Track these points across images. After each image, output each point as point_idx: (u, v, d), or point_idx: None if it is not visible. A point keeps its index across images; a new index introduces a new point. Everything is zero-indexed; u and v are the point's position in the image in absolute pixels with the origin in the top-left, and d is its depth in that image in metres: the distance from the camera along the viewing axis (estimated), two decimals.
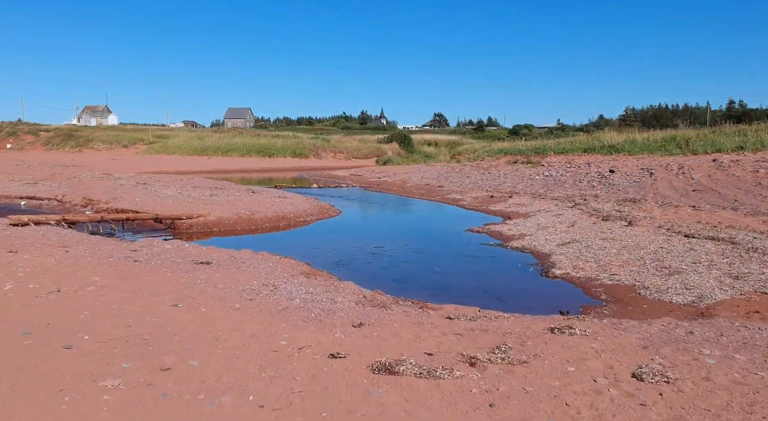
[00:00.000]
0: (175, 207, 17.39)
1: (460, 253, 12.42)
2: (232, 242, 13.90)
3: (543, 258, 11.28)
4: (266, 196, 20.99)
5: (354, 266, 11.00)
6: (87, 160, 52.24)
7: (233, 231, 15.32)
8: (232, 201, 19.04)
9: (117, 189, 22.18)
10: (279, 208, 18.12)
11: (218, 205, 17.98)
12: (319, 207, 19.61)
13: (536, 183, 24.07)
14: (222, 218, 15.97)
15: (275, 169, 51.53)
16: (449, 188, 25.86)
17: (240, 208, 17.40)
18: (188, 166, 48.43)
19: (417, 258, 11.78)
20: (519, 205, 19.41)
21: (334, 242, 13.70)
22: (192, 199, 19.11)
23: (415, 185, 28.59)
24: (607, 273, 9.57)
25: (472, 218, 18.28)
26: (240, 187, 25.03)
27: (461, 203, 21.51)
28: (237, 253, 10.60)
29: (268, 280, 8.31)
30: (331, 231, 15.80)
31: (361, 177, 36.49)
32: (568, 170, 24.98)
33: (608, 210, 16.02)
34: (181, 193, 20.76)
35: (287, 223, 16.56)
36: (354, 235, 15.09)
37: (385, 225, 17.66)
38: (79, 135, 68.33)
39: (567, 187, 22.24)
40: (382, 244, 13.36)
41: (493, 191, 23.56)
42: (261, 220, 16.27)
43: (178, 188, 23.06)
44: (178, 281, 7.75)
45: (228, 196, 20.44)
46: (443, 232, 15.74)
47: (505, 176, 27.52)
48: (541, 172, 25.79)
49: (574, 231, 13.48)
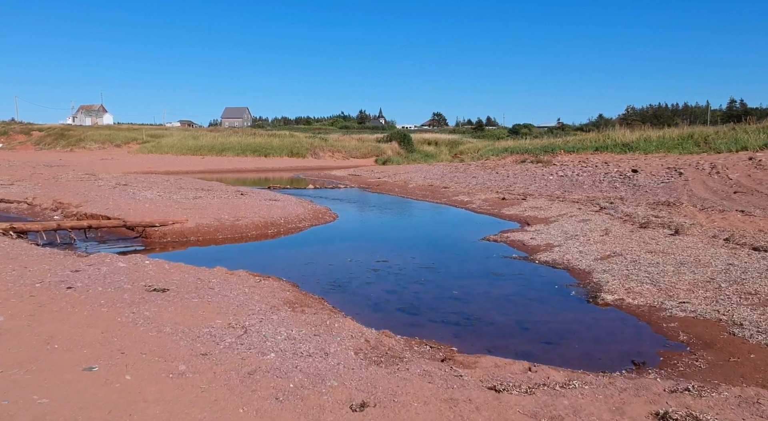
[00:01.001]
0: (151, 212, 15.24)
1: (480, 269, 10.27)
2: (208, 254, 11.75)
3: (583, 277, 9.15)
4: (255, 199, 18.82)
5: (353, 287, 8.85)
6: (76, 160, 49.96)
7: (213, 240, 13.17)
8: (217, 205, 16.88)
9: (93, 191, 19.99)
10: (268, 212, 15.98)
11: (200, 209, 15.82)
12: (313, 211, 17.47)
13: (551, 184, 21.93)
14: (201, 224, 13.82)
15: (271, 169, 49.33)
16: (455, 189, 23.72)
17: (224, 214, 15.25)
18: (180, 166, 46.19)
19: (429, 276, 9.64)
20: (536, 208, 17.28)
21: (329, 255, 11.55)
22: (172, 203, 16.95)
23: (417, 186, 26.44)
24: (674, 300, 7.44)
25: (485, 223, 16.15)
26: (229, 189, 22.85)
27: (470, 206, 19.39)
28: (207, 272, 8.45)
29: (239, 316, 6.16)
30: (326, 240, 13.65)
31: (360, 177, 34.32)
32: (584, 170, 22.85)
33: (643, 215, 13.90)
34: (161, 196, 18.59)
35: (276, 230, 14.41)
36: (352, 245, 12.95)
37: (387, 232, 15.48)
38: (70, 135, 66.09)
39: (586, 188, 20.10)
40: (386, 256, 11.23)
41: (504, 193, 21.43)
42: (246, 227, 14.12)
43: (161, 190, 20.87)
44: (112, 322, 5.60)
45: (213, 199, 18.27)
46: (455, 241, 13.60)
47: (515, 176, 25.37)
48: (555, 172, 23.65)
49: (610, 241, 11.35)
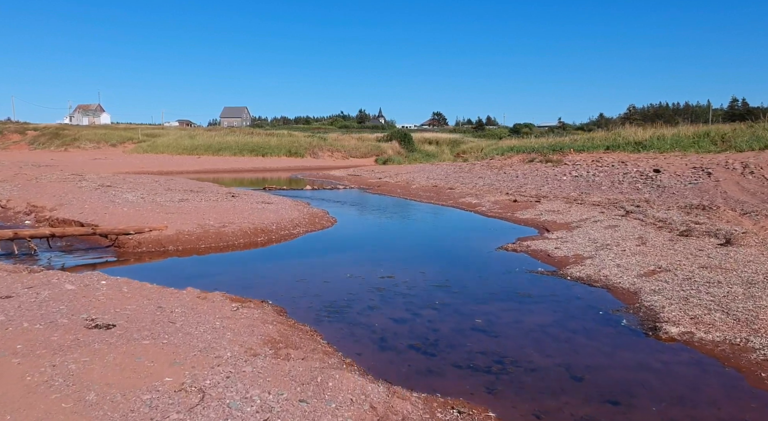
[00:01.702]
0: (129, 217, 13.60)
1: (504, 288, 8.62)
2: (185, 268, 10.09)
3: (629, 299, 7.53)
4: (247, 202, 17.18)
5: (353, 314, 7.21)
6: (68, 160, 48.28)
7: (195, 250, 11.52)
8: (203, 209, 15.23)
9: (72, 193, 18.34)
10: (259, 217, 14.34)
11: (184, 214, 14.17)
12: (309, 215, 15.83)
13: (565, 185, 20.29)
14: (182, 232, 12.17)
15: (268, 168, 47.68)
16: (462, 190, 22.07)
17: (209, 219, 13.61)
18: (175, 166, 44.53)
19: (444, 298, 7.99)
20: (553, 212, 15.64)
21: (325, 268, 9.90)
22: (154, 207, 15.30)
23: (421, 187, 24.79)
24: (762, 337, 5.81)
25: (499, 228, 14.51)
26: (220, 190, 21.20)
27: (479, 209, 17.74)
28: (174, 297, 6.80)
29: (199, 369, 4.51)
30: (323, 250, 11.99)
31: (360, 177, 32.67)
32: (599, 170, 21.20)
33: (679, 220, 12.26)
34: (144, 199, 16.94)
35: (267, 238, 12.76)
36: (352, 256, 11.29)
37: (391, 240, 13.82)
38: (65, 134, 64.42)
39: (604, 189, 18.46)
40: (391, 270, 9.59)
41: (515, 194, 19.79)
42: (233, 234, 12.47)
43: (146, 192, 19.22)
44: (14, 385, 3.95)
45: (200, 203, 16.63)
46: (468, 250, 11.94)
47: (524, 177, 23.71)
48: (568, 172, 22.00)
49: (651, 252, 9.71)
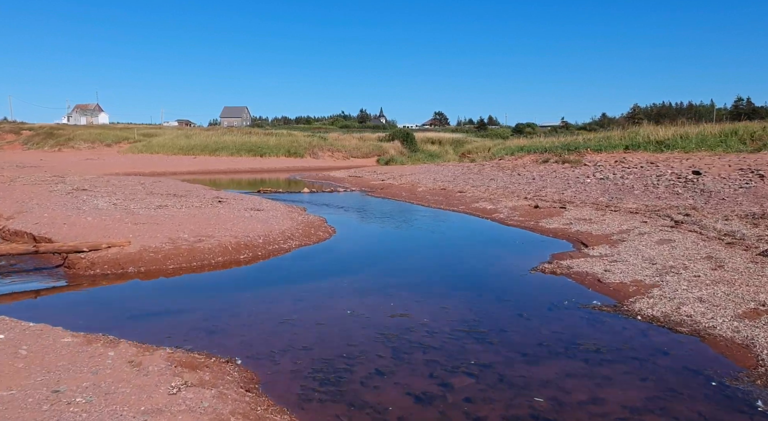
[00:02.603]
0: (90, 229, 11.37)
1: (557, 334, 6.36)
2: (137, 299, 7.78)
3: (742, 356, 5.33)
4: (233, 209, 14.94)
5: (354, 386, 4.96)
6: (59, 160, 46.06)
7: (161, 271, 9.29)
8: (181, 218, 13.00)
9: (38, 199, 16.12)
10: (244, 228, 12.10)
11: (156, 225, 11.93)
12: (304, 224, 13.59)
13: (590, 188, 18.01)
14: (148, 248, 9.93)
15: (267, 169, 45.42)
16: (474, 194, 19.82)
17: (184, 231, 11.37)
18: (169, 167, 42.29)
19: (480, 354, 5.75)
20: (584, 221, 13.40)
21: (318, 302, 7.66)
22: (125, 215, 13.07)
23: (428, 190, 22.53)
24: None
25: (525, 241, 12.27)
26: (207, 195, 18.97)
27: (497, 217, 15.49)
28: (92, 361, 4.57)
29: None
30: (317, 271, 9.72)
31: (362, 179, 30.42)
32: (627, 172, 18.92)
33: (749, 234, 10.00)
34: (116, 206, 14.70)
35: (252, 254, 10.51)
36: (354, 280, 9.02)
37: (400, 257, 11.49)
38: (60, 134, 62.18)
39: (638, 194, 16.20)
40: (404, 305, 7.36)
41: (535, 199, 17.54)
42: (210, 251, 10.22)
43: (123, 197, 16.99)
44: None
45: (180, 209, 14.39)
46: (496, 272, 9.67)
47: (542, 179, 21.44)
48: (591, 174, 19.74)
49: (736, 280, 7.47)
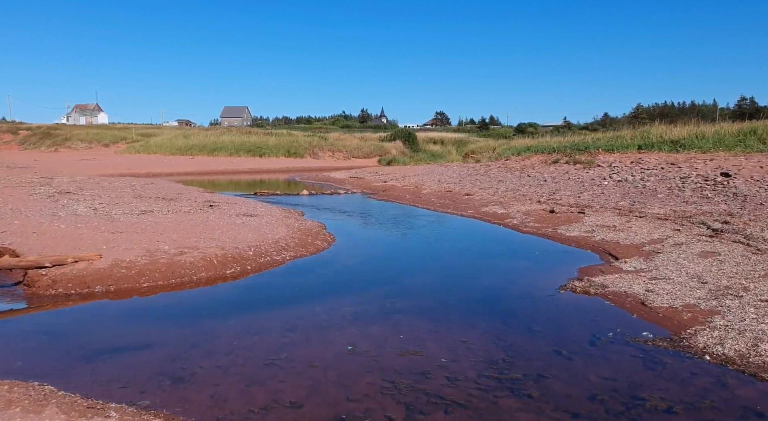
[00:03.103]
0: (61, 238, 10.11)
1: (609, 382, 5.06)
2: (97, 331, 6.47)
3: None
4: (224, 215, 13.66)
5: None
6: (54, 160, 44.80)
7: (134, 289, 8.02)
8: (165, 225, 11.73)
9: (15, 202, 14.87)
10: (234, 237, 10.82)
11: (135, 234, 10.66)
12: (301, 231, 12.32)
13: (609, 191, 16.69)
14: (121, 263, 8.66)
15: (266, 170, 44.11)
16: (482, 197, 18.52)
17: (166, 241, 10.09)
18: (165, 167, 41.00)
19: (517, 411, 4.47)
20: (607, 228, 12.11)
21: (312, 333, 6.36)
22: (104, 222, 11.80)
23: (433, 192, 21.25)
24: None
25: (544, 250, 10.98)
26: (198, 198, 17.70)
27: (510, 223, 14.19)
28: None
29: None
30: (313, 291, 8.42)
31: (363, 180, 29.13)
32: (647, 173, 17.61)
33: None
34: (96, 211, 13.43)
35: (240, 268, 9.22)
36: (355, 303, 7.70)
37: (408, 272, 10.11)
38: (56, 134, 60.98)
39: (663, 198, 14.89)
40: (416, 338, 6.09)
41: (549, 203, 16.25)
42: (192, 265, 8.93)
43: (107, 201, 15.73)
44: None
45: (165, 216, 13.12)
46: (520, 292, 8.35)
47: (554, 180, 20.13)
48: (608, 176, 18.43)
49: None
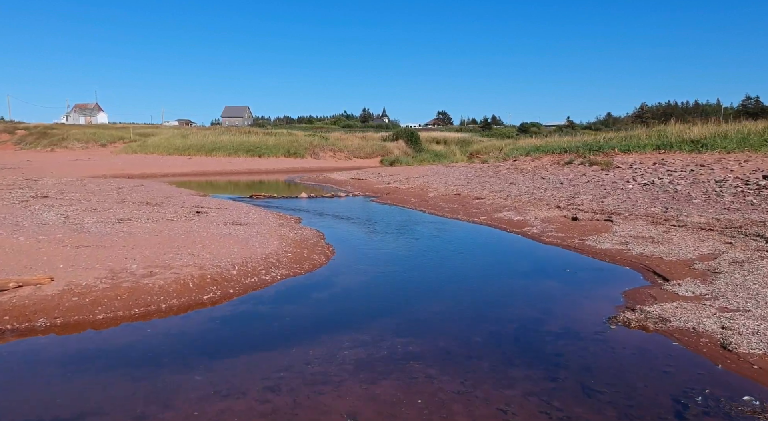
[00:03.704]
0: (13, 254, 8.57)
1: None
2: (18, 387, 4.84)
3: None
4: (211, 223, 12.12)
5: None
6: (48, 161, 43.32)
7: (86, 322, 6.48)
8: (140, 237, 10.19)
9: None
10: (217, 252, 9.27)
11: (102, 249, 9.12)
12: (296, 243, 10.77)
13: (635, 196, 15.12)
14: (75, 287, 7.11)
15: (264, 170, 42.58)
16: (494, 202, 16.96)
17: (136, 257, 8.54)
18: (162, 168, 39.49)
19: None
20: (643, 239, 10.55)
21: (300, 398, 4.74)
22: (71, 233, 10.27)
23: (440, 195, 19.69)
24: None
25: (577, 268, 9.42)
26: (187, 203, 16.17)
27: (529, 232, 12.62)
28: None
29: None
30: (305, 325, 6.82)
31: (365, 182, 27.57)
32: (676, 176, 16.04)
33: None
34: (67, 219, 11.90)
35: (220, 292, 7.67)
36: (357, 345, 6.09)
37: (421, 299, 8.30)
38: (53, 134, 59.52)
39: (699, 204, 13.32)
40: (441, 403, 4.52)
41: (570, 208, 14.69)
42: (162, 289, 7.38)
43: (83, 206, 14.21)
44: None
45: (144, 225, 11.58)
46: (562, 330, 6.70)
47: (570, 183, 18.56)
48: (631, 179, 16.85)
49: None
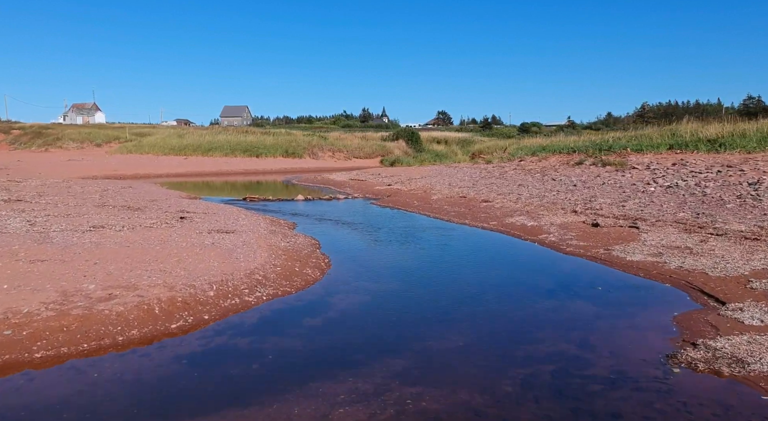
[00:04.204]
0: None
1: None
2: None
3: None
4: (194, 230, 10.81)
5: None
6: (40, 161, 41.99)
7: (20, 363, 5.16)
8: (108, 249, 8.88)
9: None
10: (193, 268, 7.95)
11: (61, 263, 7.81)
12: (288, 255, 9.46)
13: (660, 200, 13.81)
14: (12, 316, 5.78)
15: (261, 171, 41.27)
16: (503, 205, 15.66)
17: (94, 277, 7.23)
18: (156, 168, 38.19)
19: None
20: (679, 250, 9.26)
21: None
22: (31, 245, 8.97)
23: (445, 198, 18.39)
24: None
25: (609, 286, 8.11)
26: (172, 207, 14.86)
27: (546, 239, 11.30)
28: None
29: None
30: (290, 367, 5.45)
31: (365, 183, 26.26)
32: (702, 178, 14.73)
33: None
34: (31, 227, 10.58)
35: (191, 320, 6.34)
36: (354, 396, 4.70)
37: (432, 330, 6.91)
38: (48, 134, 58.21)
39: (734, 209, 12.02)
40: None
41: (588, 213, 13.39)
42: (121, 317, 6.05)
43: (61, 210, 12.90)
44: None
45: (117, 233, 10.27)
46: (610, 376, 5.31)
47: (584, 185, 17.26)
48: (651, 181, 15.55)
49: None
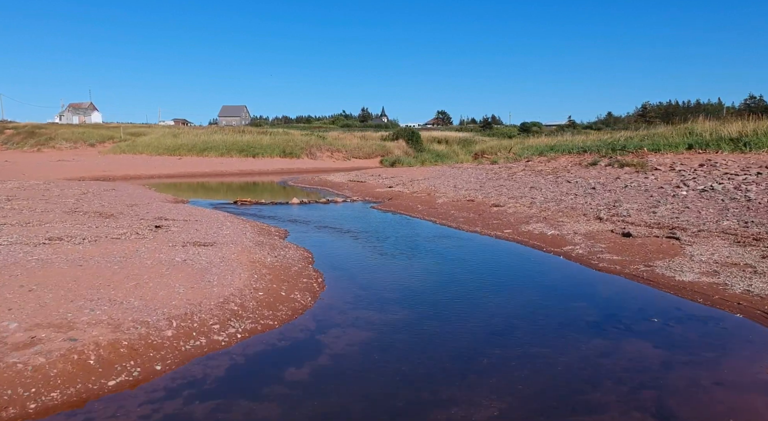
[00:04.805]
0: None
1: None
2: None
3: None
4: (166, 244, 9.22)
5: None
6: (29, 161, 40.36)
7: None
8: (54, 269, 7.29)
9: None
10: (151, 296, 6.35)
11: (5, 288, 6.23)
12: (273, 274, 7.87)
13: (696, 206, 12.23)
14: None
15: (257, 171, 39.66)
16: (517, 210, 14.10)
17: (21, 310, 5.62)
18: (148, 169, 36.56)
19: None
20: (738, 268, 7.71)
21: None
22: None
23: (451, 201, 16.81)
24: None
25: (667, 317, 6.55)
26: (150, 213, 13.27)
27: (573, 252, 9.73)
28: None
29: None
30: None
31: (365, 184, 24.68)
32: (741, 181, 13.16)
33: None
34: None
35: (137, 372, 4.74)
36: None
37: (454, 384, 5.18)
38: (41, 133, 56.58)
39: None
40: None
41: (614, 220, 11.82)
42: (39, 374, 4.44)
43: (24, 218, 11.30)
44: None
45: (74, 247, 8.69)
46: None
47: (604, 188, 15.68)
48: (681, 183, 13.99)
49: None
